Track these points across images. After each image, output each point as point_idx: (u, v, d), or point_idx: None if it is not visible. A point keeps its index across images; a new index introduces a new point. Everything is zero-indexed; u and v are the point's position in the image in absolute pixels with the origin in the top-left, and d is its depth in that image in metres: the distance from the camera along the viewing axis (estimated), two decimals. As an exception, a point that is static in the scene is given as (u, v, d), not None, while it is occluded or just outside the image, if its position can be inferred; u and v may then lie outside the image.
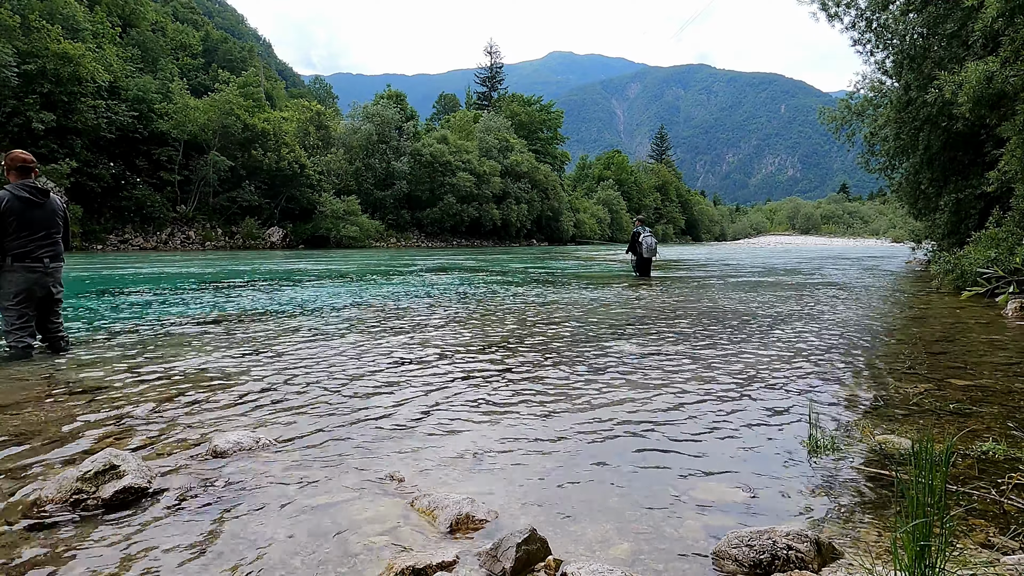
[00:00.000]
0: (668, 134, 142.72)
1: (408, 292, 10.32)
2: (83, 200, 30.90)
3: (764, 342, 5.35)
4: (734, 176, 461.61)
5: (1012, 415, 3.08)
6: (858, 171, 25.41)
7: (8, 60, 27.53)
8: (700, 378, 3.97)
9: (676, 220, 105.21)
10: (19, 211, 4.34)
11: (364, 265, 19.67)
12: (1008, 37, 8.94)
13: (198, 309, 7.80)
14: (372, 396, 3.49)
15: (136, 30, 43.75)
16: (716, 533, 1.87)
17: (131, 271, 15.63)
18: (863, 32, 15.75)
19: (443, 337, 5.56)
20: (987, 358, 4.59)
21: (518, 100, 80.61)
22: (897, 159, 16.91)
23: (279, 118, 43.53)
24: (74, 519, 1.96)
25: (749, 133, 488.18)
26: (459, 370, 4.19)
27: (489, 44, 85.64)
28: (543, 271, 17.26)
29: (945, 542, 1.44)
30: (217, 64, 54.25)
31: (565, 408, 3.28)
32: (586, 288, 11.22)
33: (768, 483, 2.29)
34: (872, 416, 3.13)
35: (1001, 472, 2.33)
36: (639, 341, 5.37)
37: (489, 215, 56.86)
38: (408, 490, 2.20)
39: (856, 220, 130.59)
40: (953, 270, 10.01)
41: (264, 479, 2.29)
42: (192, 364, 4.32)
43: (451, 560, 1.65)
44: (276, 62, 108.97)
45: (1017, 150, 9.11)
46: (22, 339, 4.49)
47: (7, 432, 2.80)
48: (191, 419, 3.03)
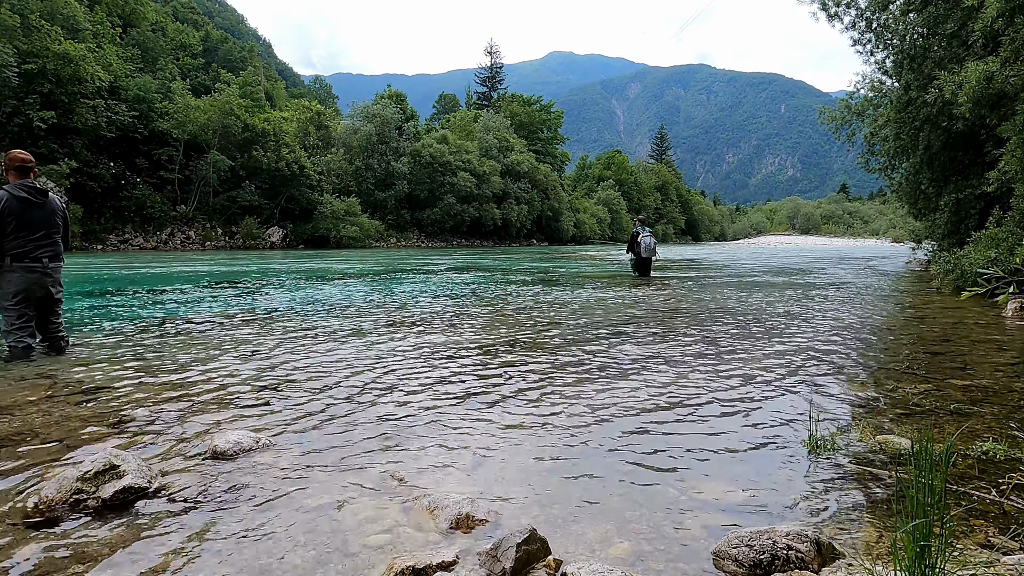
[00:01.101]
0: (668, 134, 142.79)
1: (408, 292, 10.32)
2: (83, 200, 30.91)
3: (764, 342, 5.35)
4: (734, 176, 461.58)
5: (1012, 415, 3.08)
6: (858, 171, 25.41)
7: (8, 60, 27.54)
8: (700, 378, 3.96)
9: (676, 220, 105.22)
10: (18, 211, 4.34)
11: (364, 265, 19.67)
12: (1008, 37, 8.93)
13: (199, 309, 7.80)
14: (372, 396, 3.49)
15: (136, 30, 43.75)
16: (716, 533, 1.87)
17: (131, 271, 15.63)
18: (863, 32, 15.75)
19: (443, 337, 5.55)
20: (987, 358, 4.59)
21: (518, 100, 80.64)
22: (897, 159, 16.90)
23: (279, 118, 43.55)
24: (74, 519, 1.96)
25: (749, 133, 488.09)
26: (459, 370, 4.19)
27: (489, 44, 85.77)
28: (543, 271, 17.27)
29: (945, 542, 1.44)
30: (217, 64, 54.27)
31: (565, 408, 3.28)
32: (586, 288, 11.22)
33: (768, 483, 2.29)
34: (872, 416, 3.13)
35: (1001, 472, 2.33)
36: (639, 341, 5.37)
37: (489, 215, 56.87)
38: (408, 490, 2.20)
39: (856, 220, 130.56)
40: (953, 270, 10.01)
41: (264, 479, 2.29)
42: (192, 364, 4.32)
43: (451, 560, 1.65)
44: (276, 62, 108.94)
45: (1017, 150, 9.11)
46: (22, 339, 4.49)
47: (7, 432, 2.80)
48: (191, 419, 3.03)
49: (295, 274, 14.84)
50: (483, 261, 23.85)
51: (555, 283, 12.53)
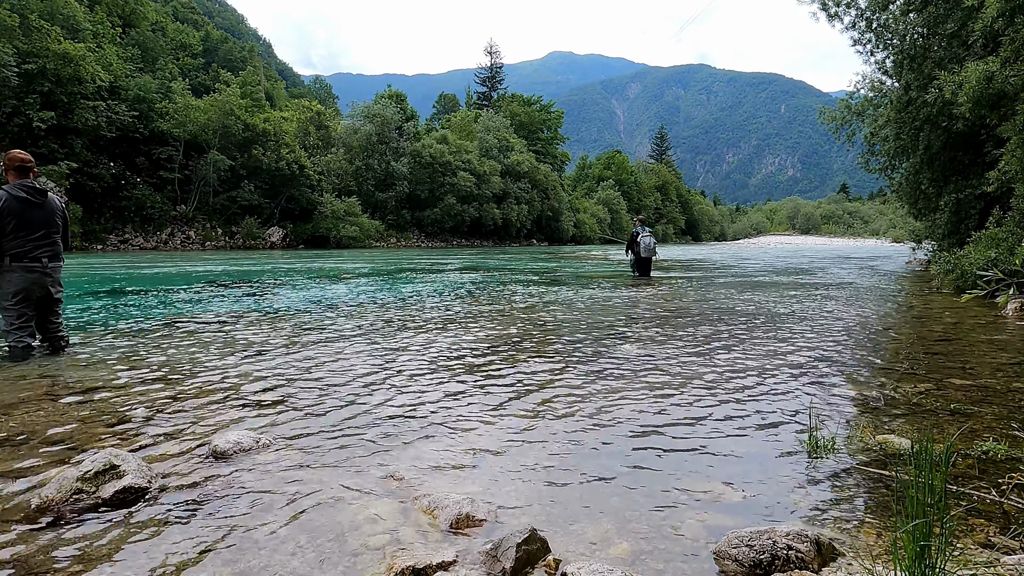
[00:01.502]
0: (668, 134, 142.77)
1: (408, 292, 10.32)
2: (83, 200, 30.92)
3: (764, 342, 5.35)
4: (734, 176, 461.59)
5: (1012, 415, 3.08)
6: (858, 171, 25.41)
7: (8, 60, 27.55)
8: (700, 378, 3.96)
9: (676, 220, 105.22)
10: (17, 211, 4.34)
11: (364, 265, 19.67)
12: (1008, 37, 8.94)
13: (199, 309, 7.80)
14: (372, 396, 3.49)
15: (136, 30, 43.77)
16: (716, 533, 1.87)
17: (131, 271, 15.63)
18: (863, 32, 15.75)
19: (443, 337, 5.56)
20: (987, 358, 4.59)
21: (518, 100, 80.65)
22: (897, 159, 16.90)
23: (279, 118, 43.57)
24: (74, 519, 1.96)
25: (749, 133, 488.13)
26: (459, 370, 4.19)
27: (489, 44, 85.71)
28: (543, 271, 17.27)
29: (945, 542, 1.44)
30: (217, 64, 54.25)
31: (565, 408, 3.28)
32: (586, 288, 11.22)
33: (768, 483, 2.29)
34: (872, 416, 3.13)
35: (1001, 472, 2.33)
36: (639, 341, 5.37)
37: (489, 215, 56.88)
38: (408, 490, 2.20)
39: (856, 220, 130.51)
40: (953, 270, 10.01)
41: (264, 479, 2.29)
42: (193, 364, 4.32)
43: (451, 560, 1.65)
44: (276, 62, 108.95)
45: (1017, 150, 9.11)
46: (22, 339, 4.49)
47: (7, 432, 2.80)
48: (191, 419, 3.02)
49: (295, 274, 14.84)
50: (483, 261, 23.85)
51: (555, 283, 12.53)
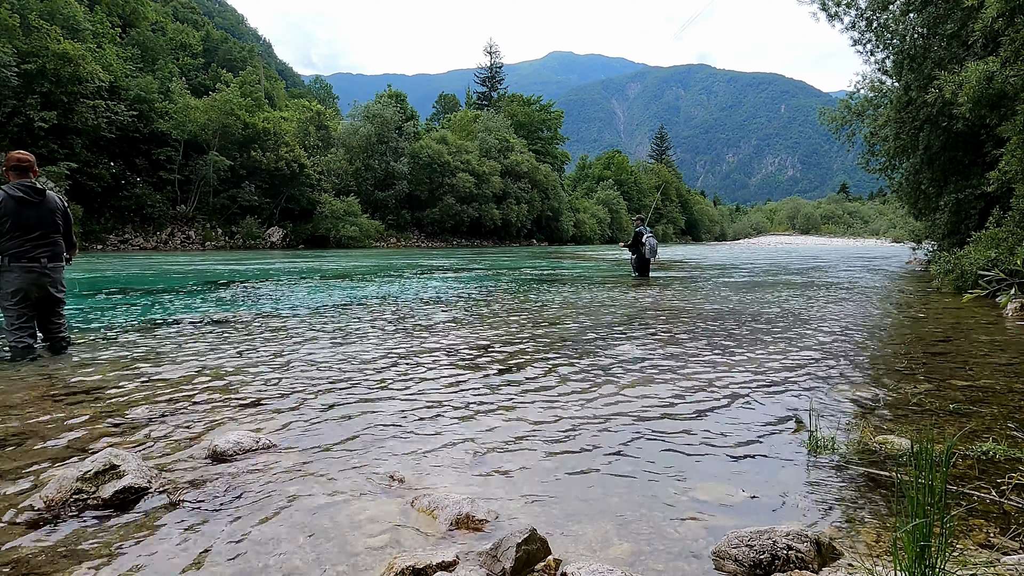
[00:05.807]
0: (668, 134, 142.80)
1: (408, 291, 10.32)
2: (83, 200, 30.90)
3: (764, 342, 5.35)
4: (734, 176, 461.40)
5: (1012, 415, 3.08)
6: (858, 171, 25.39)
7: (8, 60, 27.53)
8: (700, 378, 3.96)
9: (676, 220, 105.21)
10: (14, 211, 4.32)
11: (364, 265, 19.67)
12: (1008, 37, 8.94)
13: (199, 309, 7.80)
14: (373, 396, 3.49)
15: (136, 30, 43.71)
16: (716, 533, 1.87)
17: (131, 271, 15.63)
18: (863, 32, 15.75)
19: (443, 337, 5.55)
20: (987, 358, 4.59)
21: (518, 100, 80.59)
22: (897, 159, 16.90)
23: (279, 118, 43.54)
24: (74, 519, 1.96)
25: (749, 133, 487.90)
26: (459, 370, 4.19)
27: (489, 44, 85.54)
28: (543, 271, 17.26)
29: (945, 542, 1.44)
30: (217, 64, 54.21)
31: (565, 408, 3.28)
32: (586, 288, 11.22)
33: (768, 483, 2.29)
34: (872, 416, 3.13)
35: (1001, 472, 2.33)
36: (639, 341, 5.37)
37: (489, 215, 56.86)
38: (408, 490, 2.20)
39: (856, 220, 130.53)
40: (953, 270, 10.01)
41: (264, 479, 2.29)
42: (193, 364, 4.32)
43: (451, 560, 1.65)
44: (276, 62, 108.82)
45: (1017, 150, 9.10)
46: (22, 339, 4.48)
47: (7, 432, 2.80)
48: (191, 419, 3.02)
49: (296, 274, 14.83)
50: (483, 261, 23.85)
51: (556, 283, 12.53)
